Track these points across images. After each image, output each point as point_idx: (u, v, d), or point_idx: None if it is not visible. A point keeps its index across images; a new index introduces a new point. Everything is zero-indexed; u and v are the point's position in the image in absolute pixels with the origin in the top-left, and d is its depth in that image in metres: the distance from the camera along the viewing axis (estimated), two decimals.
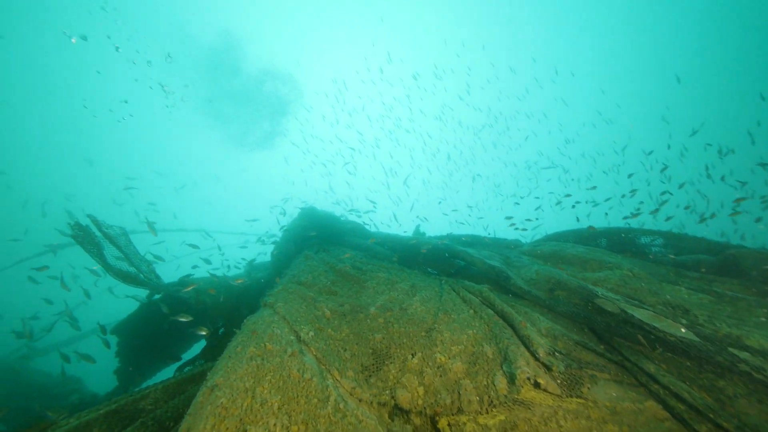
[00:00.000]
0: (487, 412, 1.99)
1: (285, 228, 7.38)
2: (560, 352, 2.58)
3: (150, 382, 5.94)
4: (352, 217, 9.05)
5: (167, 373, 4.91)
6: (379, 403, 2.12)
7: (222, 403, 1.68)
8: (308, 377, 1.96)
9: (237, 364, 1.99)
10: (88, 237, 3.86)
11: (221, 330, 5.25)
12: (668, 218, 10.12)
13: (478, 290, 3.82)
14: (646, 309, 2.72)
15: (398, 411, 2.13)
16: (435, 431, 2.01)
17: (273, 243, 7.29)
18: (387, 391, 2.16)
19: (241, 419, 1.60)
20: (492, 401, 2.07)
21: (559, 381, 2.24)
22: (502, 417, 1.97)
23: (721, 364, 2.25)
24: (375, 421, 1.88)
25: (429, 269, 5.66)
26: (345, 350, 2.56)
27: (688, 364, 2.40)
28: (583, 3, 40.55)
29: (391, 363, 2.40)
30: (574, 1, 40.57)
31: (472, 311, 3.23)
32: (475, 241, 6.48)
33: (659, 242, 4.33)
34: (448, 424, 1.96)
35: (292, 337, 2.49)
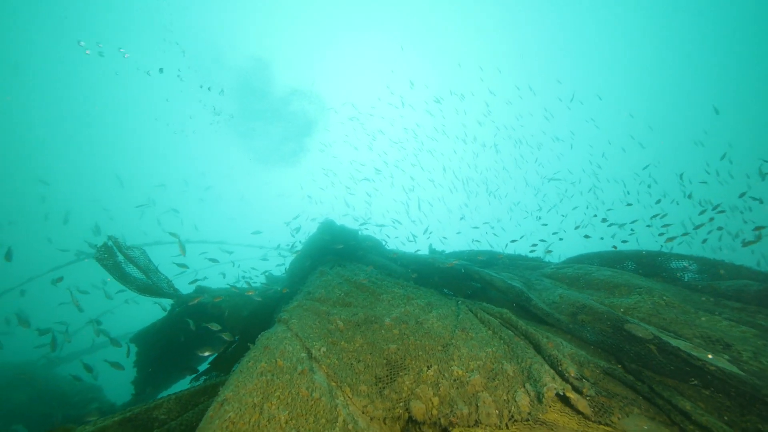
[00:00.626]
0: (507, 428, 1.89)
1: (303, 243, 7.48)
2: (587, 380, 2.43)
3: (165, 392, 6.01)
4: (369, 233, 9.09)
5: (184, 384, 4.98)
6: (392, 418, 2.06)
7: (230, 417, 1.68)
8: (317, 396, 1.94)
9: (247, 379, 2.00)
10: (111, 259, 4.08)
11: (234, 343, 5.29)
12: (704, 241, 9.53)
13: (497, 312, 3.70)
14: (683, 341, 2.53)
15: (412, 424, 2.06)
16: None
17: (295, 253, 7.37)
18: (401, 404, 2.11)
19: None
20: (513, 416, 1.97)
21: (589, 404, 2.10)
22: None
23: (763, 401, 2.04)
24: None
25: (445, 290, 5.55)
26: (359, 361, 2.53)
27: (728, 403, 2.19)
28: (613, 25, 40.56)
29: (405, 374, 2.35)
30: (603, 24, 40.65)
31: (490, 332, 3.12)
32: (492, 260, 6.33)
33: (694, 268, 4.06)
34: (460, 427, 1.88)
35: (303, 354, 2.48)
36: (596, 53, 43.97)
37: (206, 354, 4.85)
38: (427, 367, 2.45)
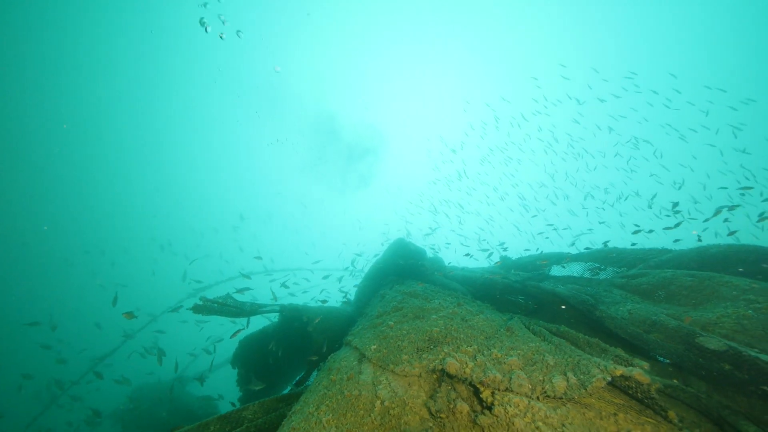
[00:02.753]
0: (538, 399, 1.97)
1: (371, 265, 8.06)
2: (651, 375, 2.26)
3: None
4: (435, 251, 9.27)
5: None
6: (428, 371, 2.29)
7: (293, 425, 2.15)
8: (357, 393, 2.29)
9: (310, 395, 2.48)
10: (205, 309, 5.24)
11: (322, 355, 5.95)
12: None
13: (553, 326, 3.58)
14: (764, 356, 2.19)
15: (445, 379, 2.25)
16: (478, 401, 2.06)
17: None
18: (436, 362, 2.32)
19: None
20: (546, 392, 2.01)
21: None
22: (552, 406, 1.93)
23: None
24: (421, 400, 2.06)
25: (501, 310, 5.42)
26: (403, 341, 2.82)
27: None
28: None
29: (445, 346, 2.55)
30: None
31: (539, 337, 3.08)
32: (556, 258, 5.94)
33: None
34: (492, 394, 2.00)
35: (354, 363, 2.87)
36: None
37: (314, 359, 5.61)
38: (467, 345, 2.60)
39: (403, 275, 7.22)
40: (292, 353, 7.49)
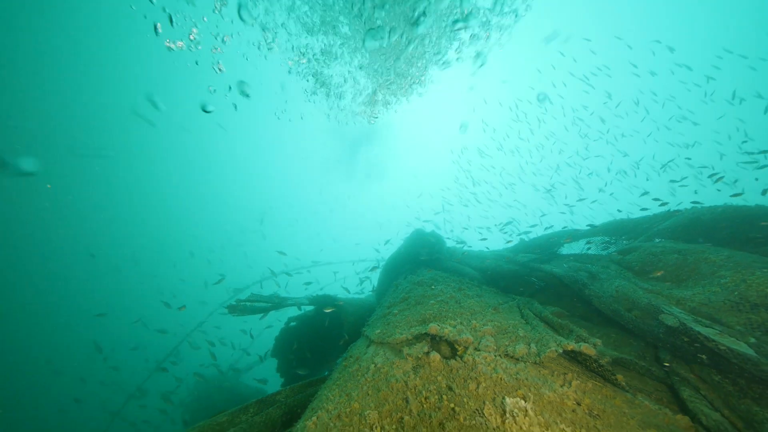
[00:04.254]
0: (501, 357, 2.44)
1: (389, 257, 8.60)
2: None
3: None
4: (453, 244, 9.61)
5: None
6: (413, 336, 2.87)
7: (312, 405, 2.72)
8: (357, 367, 2.82)
9: (329, 380, 3.06)
10: (239, 309, 6.04)
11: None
12: None
13: (550, 308, 3.91)
14: (715, 328, 2.44)
15: (434, 342, 2.78)
16: (452, 354, 2.58)
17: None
18: (421, 327, 2.93)
19: (325, 410, 2.62)
20: (508, 353, 2.51)
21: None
22: (512, 362, 2.41)
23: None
24: (408, 370, 2.58)
25: (510, 292, 5.74)
26: (400, 323, 3.39)
27: (731, 389, 2.09)
28: None
29: (433, 321, 3.08)
30: None
31: (524, 320, 3.46)
32: (554, 243, 6.14)
33: None
34: (465, 349, 2.58)
35: (363, 348, 3.43)
36: None
37: (347, 339, 6.37)
38: (452, 319, 3.11)
39: (419, 264, 7.68)
40: (326, 337, 8.29)
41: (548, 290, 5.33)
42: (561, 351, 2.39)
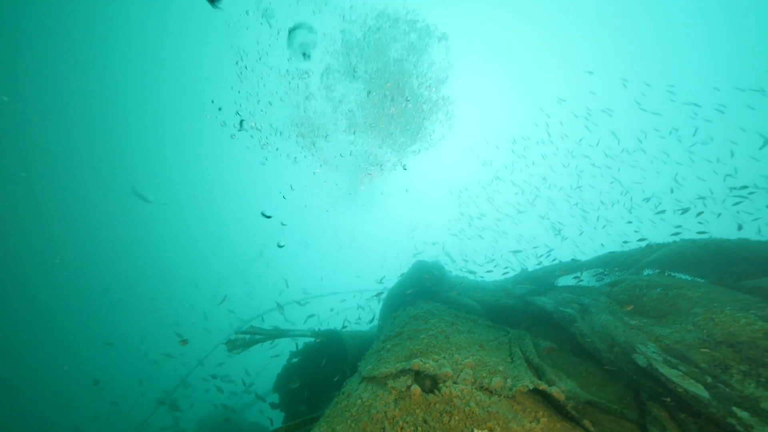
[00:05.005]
0: (477, 390, 2.58)
1: (391, 288, 8.75)
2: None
3: None
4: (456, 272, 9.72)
5: None
6: (398, 371, 3.04)
7: None
8: (346, 403, 2.98)
9: (322, 417, 3.22)
10: (237, 345, 6.27)
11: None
12: None
13: (528, 347, 4.03)
14: (680, 369, 2.56)
15: (418, 377, 2.93)
16: (436, 388, 2.73)
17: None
18: (405, 363, 3.10)
19: None
20: (484, 386, 2.70)
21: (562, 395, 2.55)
22: (487, 395, 2.54)
23: (718, 423, 2.04)
24: (389, 402, 2.72)
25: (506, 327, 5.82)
26: (390, 358, 3.56)
27: (694, 428, 2.18)
28: None
29: (420, 356, 3.22)
30: None
31: (509, 357, 3.58)
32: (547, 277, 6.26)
33: None
34: (444, 382, 2.76)
35: (356, 384, 3.59)
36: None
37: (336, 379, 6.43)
38: (437, 354, 3.28)
39: (419, 296, 7.81)
40: (331, 372, 8.30)
41: (543, 323, 5.40)
42: (532, 387, 2.54)
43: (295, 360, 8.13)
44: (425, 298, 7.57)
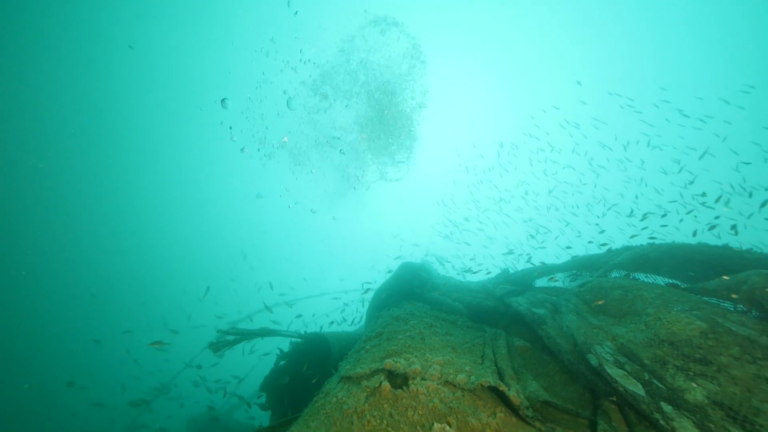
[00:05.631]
0: (442, 386, 2.80)
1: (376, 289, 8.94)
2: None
3: None
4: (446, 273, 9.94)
5: None
6: (372, 371, 3.25)
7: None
8: (323, 402, 3.16)
9: (301, 415, 3.39)
10: (220, 345, 6.41)
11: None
12: None
13: (500, 348, 4.26)
14: (625, 369, 2.80)
15: (390, 376, 3.14)
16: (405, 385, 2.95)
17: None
18: (379, 364, 3.30)
19: None
20: (450, 382, 2.94)
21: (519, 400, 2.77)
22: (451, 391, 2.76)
23: (648, 419, 2.29)
24: (361, 398, 2.92)
25: (485, 326, 6.07)
26: (367, 358, 3.76)
27: (635, 421, 2.43)
28: None
29: (394, 356, 3.42)
30: None
31: (480, 359, 3.81)
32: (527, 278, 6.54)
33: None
34: (413, 380, 2.97)
35: (335, 383, 3.76)
36: None
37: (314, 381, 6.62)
38: (410, 354, 3.50)
39: (405, 296, 8.01)
40: (316, 373, 8.47)
41: (520, 322, 5.65)
42: (493, 384, 2.77)
43: (282, 362, 8.29)
44: (410, 298, 7.79)
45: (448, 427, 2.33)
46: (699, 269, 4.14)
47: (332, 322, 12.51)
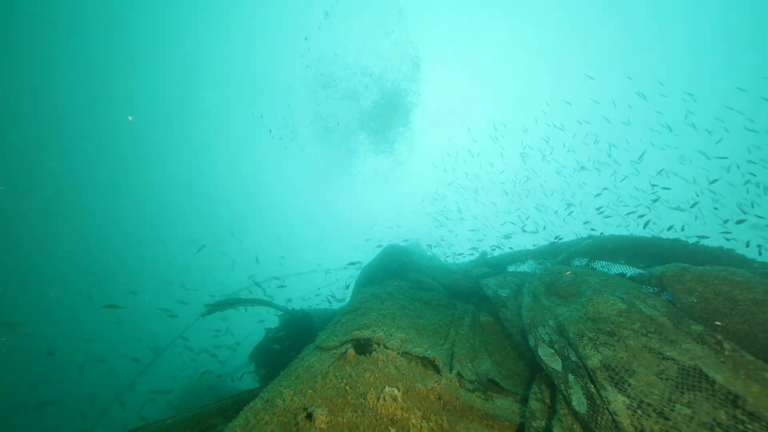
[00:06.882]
0: (400, 356, 3.37)
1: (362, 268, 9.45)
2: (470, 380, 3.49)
3: None
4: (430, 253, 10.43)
5: None
6: (342, 342, 3.77)
7: (258, 395, 3.55)
8: (296, 366, 3.67)
9: (280, 375, 3.88)
10: (214, 309, 6.94)
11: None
12: None
13: (464, 327, 4.77)
14: (545, 348, 3.30)
15: (357, 345, 3.66)
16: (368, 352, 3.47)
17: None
18: (348, 335, 3.82)
19: (260, 398, 3.40)
20: (408, 352, 3.53)
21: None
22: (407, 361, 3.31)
23: (559, 391, 2.80)
24: (329, 362, 3.42)
25: (458, 302, 6.61)
26: (340, 330, 4.29)
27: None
28: None
29: (364, 329, 3.93)
30: None
31: (443, 340, 4.31)
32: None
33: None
34: (377, 348, 3.47)
35: (310, 350, 4.26)
36: None
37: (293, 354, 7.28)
38: (378, 328, 4.01)
39: (389, 275, 8.53)
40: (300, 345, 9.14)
41: (489, 299, 6.20)
42: (437, 361, 3.29)
43: (270, 335, 8.90)
44: (393, 277, 8.32)
45: (396, 391, 2.82)
46: (651, 260, 4.60)
47: (327, 299, 13.18)
